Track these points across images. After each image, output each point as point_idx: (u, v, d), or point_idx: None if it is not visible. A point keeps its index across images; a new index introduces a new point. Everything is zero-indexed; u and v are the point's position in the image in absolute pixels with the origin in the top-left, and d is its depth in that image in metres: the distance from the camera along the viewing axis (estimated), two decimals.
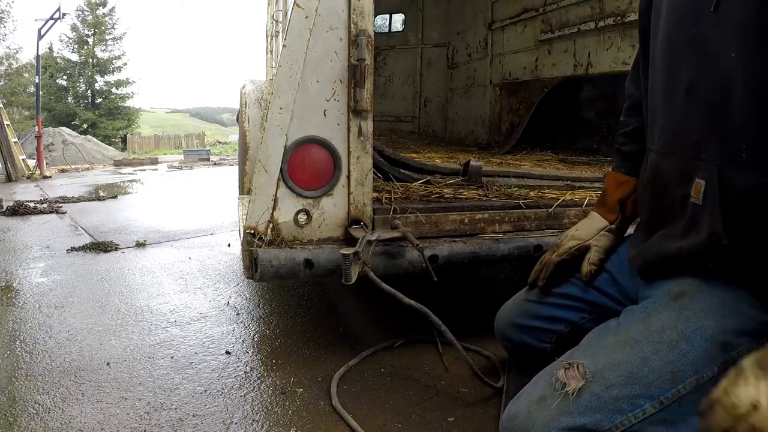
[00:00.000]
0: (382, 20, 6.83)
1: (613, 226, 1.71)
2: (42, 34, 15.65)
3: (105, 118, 35.41)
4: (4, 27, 31.43)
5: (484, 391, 2.02)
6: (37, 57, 16.05)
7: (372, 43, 1.95)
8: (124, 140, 33.74)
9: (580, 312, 1.69)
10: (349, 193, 2.02)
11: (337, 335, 2.59)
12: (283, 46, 1.92)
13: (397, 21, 6.83)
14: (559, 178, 2.92)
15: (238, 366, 2.28)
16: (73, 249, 4.60)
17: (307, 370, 2.21)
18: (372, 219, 2.06)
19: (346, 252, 1.71)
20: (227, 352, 2.41)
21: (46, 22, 15.72)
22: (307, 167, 1.98)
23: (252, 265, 1.94)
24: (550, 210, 2.33)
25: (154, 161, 18.14)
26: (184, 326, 2.76)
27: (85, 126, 33.74)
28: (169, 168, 16.14)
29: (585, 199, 2.44)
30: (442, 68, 6.49)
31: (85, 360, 2.34)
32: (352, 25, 1.92)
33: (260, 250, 1.92)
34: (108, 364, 2.29)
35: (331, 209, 2.03)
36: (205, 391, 2.06)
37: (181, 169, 15.84)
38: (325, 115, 1.96)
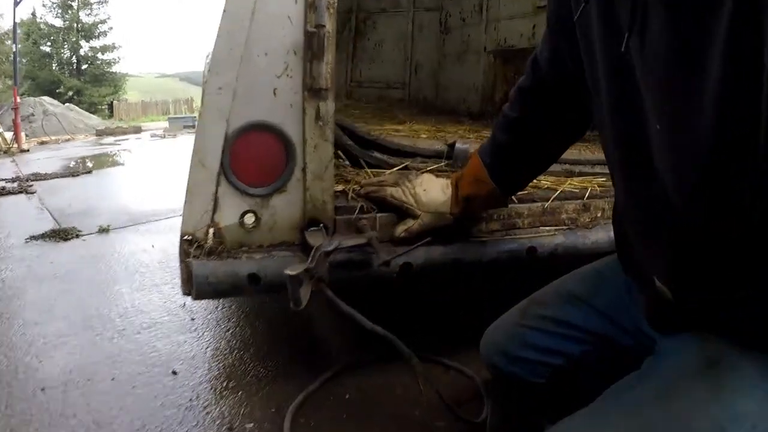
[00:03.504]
0: None
1: (451, 217, 1.64)
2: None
3: (91, 84, 34.74)
4: None
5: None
6: (14, 24, 15.50)
7: (334, 6, 1.58)
8: (111, 107, 33.12)
9: (581, 344, 1.39)
10: (305, 190, 1.66)
11: (301, 348, 2.28)
12: (223, 10, 1.56)
13: None
14: (557, 161, 2.57)
15: (184, 391, 1.97)
16: (32, 238, 4.27)
17: (261, 396, 1.91)
18: (333, 220, 1.71)
19: (292, 272, 1.36)
20: (174, 372, 2.11)
21: None
22: (254, 159, 1.63)
23: (189, 281, 1.60)
24: (546, 204, 1.98)
25: (138, 130, 17.66)
26: (132, 336, 2.46)
27: (70, 93, 33.08)
28: (152, 137, 15.69)
29: (586, 189, 2.09)
30: (434, 33, 6.07)
31: (20, 384, 2.05)
32: None
33: (196, 262, 1.58)
34: (43, 389, 2.01)
35: (285, 209, 1.67)
36: (143, 426, 1.77)
37: (164, 138, 15.38)
38: (275, 95, 1.59)
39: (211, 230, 1.64)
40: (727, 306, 0.94)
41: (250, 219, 1.66)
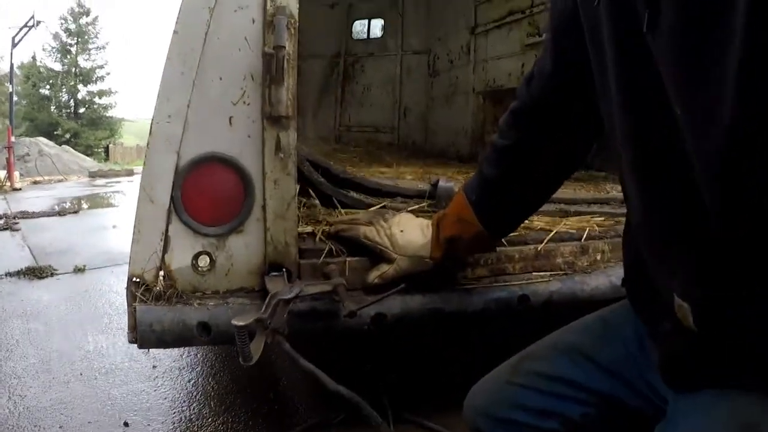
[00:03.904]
0: (360, 26, 6.44)
1: (431, 261, 1.46)
2: (15, 42, 15.35)
3: (87, 128, 34.94)
4: None
5: None
6: (11, 66, 15.77)
7: (295, 26, 1.43)
8: (107, 150, 33.28)
9: (581, 405, 1.16)
10: (265, 230, 1.49)
11: (265, 404, 2.09)
12: (174, 31, 1.41)
13: (376, 27, 6.40)
14: (550, 200, 2.40)
15: None
16: (8, 274, 4.27)
17: None
18: (297, 264, 1.53)
19: (239, 323, 1.17)
20: (125, 424, 1.96)
21: (20, 30, 15.40)
22: (208, 195, 1.46)
23: (135, 328, 1.42)
24: (540, 247, 1.81)
25: (130, 173, 17.54)
26: (89, 381, 2.32)
27: (67, 136, 33.29)
28: None
29: (584, 230, 1.92)
30: (422, 76, 6.06)
31: None
32: (268, 2, 1.41)
33: (141, 307, 1.40)
34: None
35: (242, 251, 1.50)
36: None
37: None
38: (231, 123, 1.44)
39: (161, 272, 1.47)
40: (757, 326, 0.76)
41: (204, 261, 1.49)
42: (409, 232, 1.50)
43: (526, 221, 1.91)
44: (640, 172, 0.89)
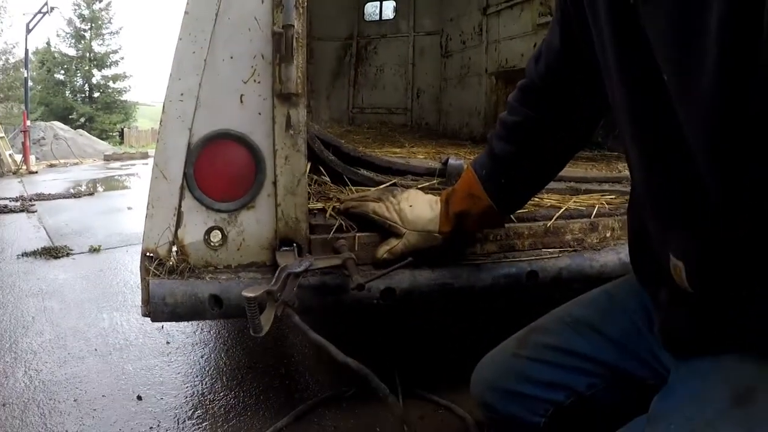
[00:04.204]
0: (372, 8, 6.38)
1: (439, 236, 1.47)
2: (30, 28, 15.43)
3: (102, 112, 35.13)
4: (1, 23, 31.08)
5: None
6: (26, 51, 15.89)
7: (304, 5, 1.44)
8: (122, 134, 33.45)
9: (589, 376, 1.18)
10: (276, 205, 1.51)
11: (278, 378, 2.11)
12: (185, 12, 1.42)
13: (388, 8, 6.35)
14: (561, 179, 2.39)
15: (145, 418, 1.84)
16: (24, 254, 4.33)
17: (226, 429, 1.76)
18: (308, 239, 1.55)
19: (250, 294, 1.20)
20: (139, 397, 1.99)
21: (34, 16, 15.48)
22: (220, 172, 1.48)
23: (148, 301, 1.45)
24: (549, 224, 1.81)
25: (145, 156, 17.67)
26: (104, 357, 2.35)
27: (82, 120, 33.51)
28: None
29: (594, 207, 1.92)
30: (435, 57, 6.00)
31: None
32: None
33: (154, 281, 1.43)
34: (3, 405, 1.93)
35: (254, 226, 1.52)
36: None
37: None
38: (242, 101, 1.46)
39: (174, 247, 1.49)
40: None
41: (216, 236, 1.52)
42: (418, 207, 1.50)
43: (536, 198, 1.93)
44: (640, 144, 0.91)
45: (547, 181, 1.49)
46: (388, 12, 6.33)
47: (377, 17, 6.37)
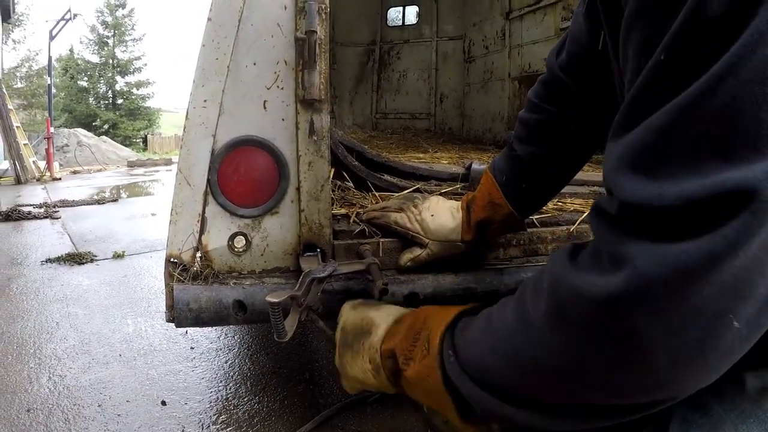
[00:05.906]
0: (395, 13, 6.45)
1: (462, 245, 1.45)
2: (53, 35, 15.59)
3: (126, 118, 35.43)
4: (24, 30, 31.53)
5: None
6: (49, 58, 16.00)
7: (327, 11, 1.45)
8: (145, 140, 33.76)
9: None
10: (300, 211, 1.51)
11: (300, 381, 2.12)
12: (208, 19, 1.43)
13: (411, 13, 6.40)
14: (585, 183, 2.38)
15: (170, 423, 1.85)
16: (48, 260, 4.37)
17: None
18: (332, 245, 1.55)
19: (274, 299, 1.20)
20: (163, 402, 2.00)
21: (57, 23, 15.64)
22: (243, 178, 1.49)
23: (173, 307, 1.46)
24: (572, 228, 1.80)
25: (168, 162, 17.83)
26: (128, 362, 2.37)
27: (106, 127, 33.86)
28: None
29: None
30: (458, 62, 6.03)
31: (6, 403, 2.01)
32: None
33: (178, 286, 1.44)
34: (28, 410, 1.95)
35: (277, 232, 1.53)
36: None
37: None
38: (265, 107, 1.46)
39: (198, 253, 1.50)
40: None
41: (240, 242, 1.52)
42: (440, 216, 1.49)
43: (560, 203, 1.91)
44: None
45: (567, 182, 1.47)
46: (411, 17, 6.38)
47: (400, 22, 6.42)
